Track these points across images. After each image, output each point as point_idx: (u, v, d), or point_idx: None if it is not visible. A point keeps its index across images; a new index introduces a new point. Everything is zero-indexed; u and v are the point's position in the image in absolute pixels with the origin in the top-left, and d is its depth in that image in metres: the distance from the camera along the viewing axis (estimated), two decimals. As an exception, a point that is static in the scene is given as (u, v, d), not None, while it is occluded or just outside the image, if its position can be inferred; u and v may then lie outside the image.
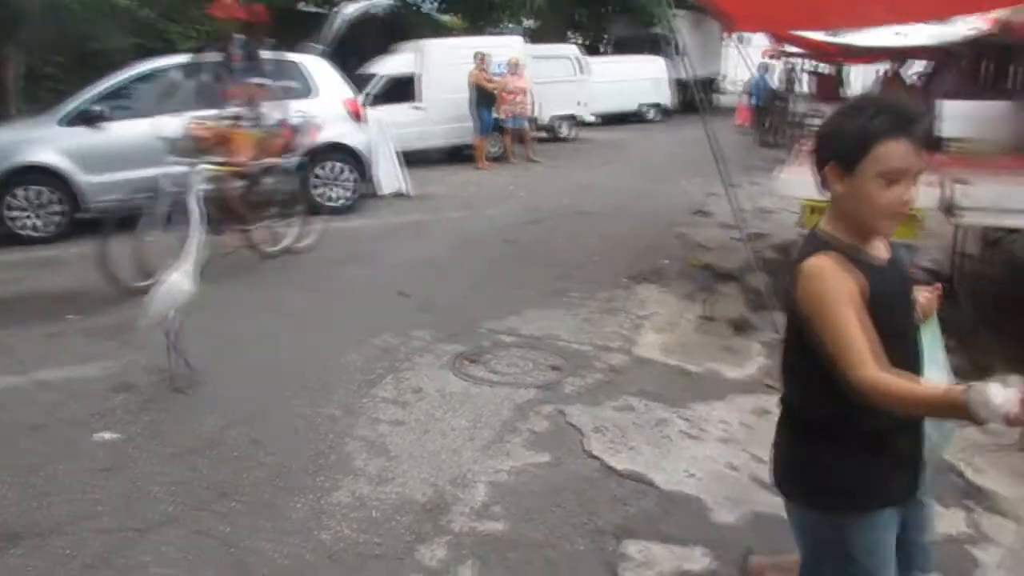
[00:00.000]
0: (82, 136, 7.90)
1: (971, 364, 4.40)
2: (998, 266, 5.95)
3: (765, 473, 3.20)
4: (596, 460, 3.33)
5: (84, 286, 6.08)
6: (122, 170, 7.91)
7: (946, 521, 2.87)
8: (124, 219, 5.87)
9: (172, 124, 6.53)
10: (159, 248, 5.43)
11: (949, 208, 4.66)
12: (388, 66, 13.72)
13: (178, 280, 4.15)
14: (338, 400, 4.00)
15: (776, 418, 2.00)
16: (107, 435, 3.66)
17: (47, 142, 7.83)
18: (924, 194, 4.81)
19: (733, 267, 6.49)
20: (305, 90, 8.96)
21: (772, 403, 3.85)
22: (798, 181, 5.36)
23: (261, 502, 3.12)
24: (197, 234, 4.24)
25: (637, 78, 21.81)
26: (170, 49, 12.73)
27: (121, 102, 8.19)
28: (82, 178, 7.87)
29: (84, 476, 3.33)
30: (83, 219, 8.03)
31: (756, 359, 4.52)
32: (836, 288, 1.64)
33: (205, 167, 5.30)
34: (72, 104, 8.10)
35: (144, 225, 5.73)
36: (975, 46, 12.69)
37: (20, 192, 7.68)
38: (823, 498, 1.80)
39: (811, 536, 1.89)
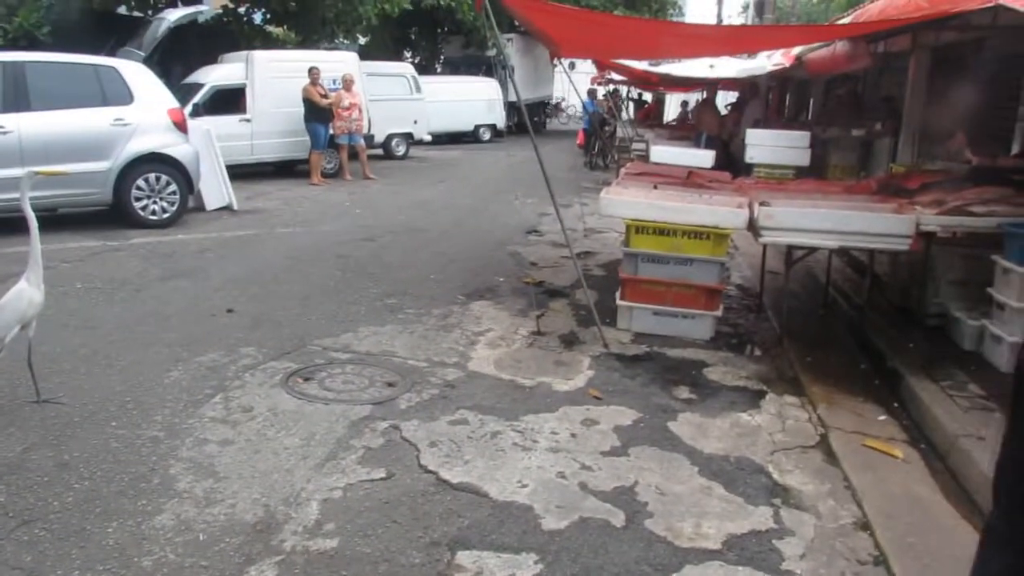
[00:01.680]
0: None
1: (776, 371, 4.87)
2: (799, 282, 6.52)
3: (593, 480, 3.38)
4: (431, 474, 3.36)
5: None
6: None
7: (754, 518, 3.14)
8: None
9: None
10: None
11: (755, 228, 5.09)
12: (215, 76, 13.23)
13: (26, 290, 3.84)
14: (161, 421, 3.81)
15: (602, 427, 2.11)
16: None
17: None
18: (734, 215, 5.26)
19: (564, 284, 6.75)
20: (124, 97, 8.47)
21: (598, 413, 4.08)
22: (621, 201, 5.69)
23: (71, 529, 2.91)
24: (37, 240, 3.92)
25: (472, 99, 22.25)
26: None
27: None
28: None
29: None
30: None
31: (584, 372, 4.72)
32: None
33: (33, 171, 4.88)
34: None
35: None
36: (777, 80, 13.95)
37: None
38: None
39: None
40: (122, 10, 15.20)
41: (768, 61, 11.52)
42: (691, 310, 5.48)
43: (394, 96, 16.80)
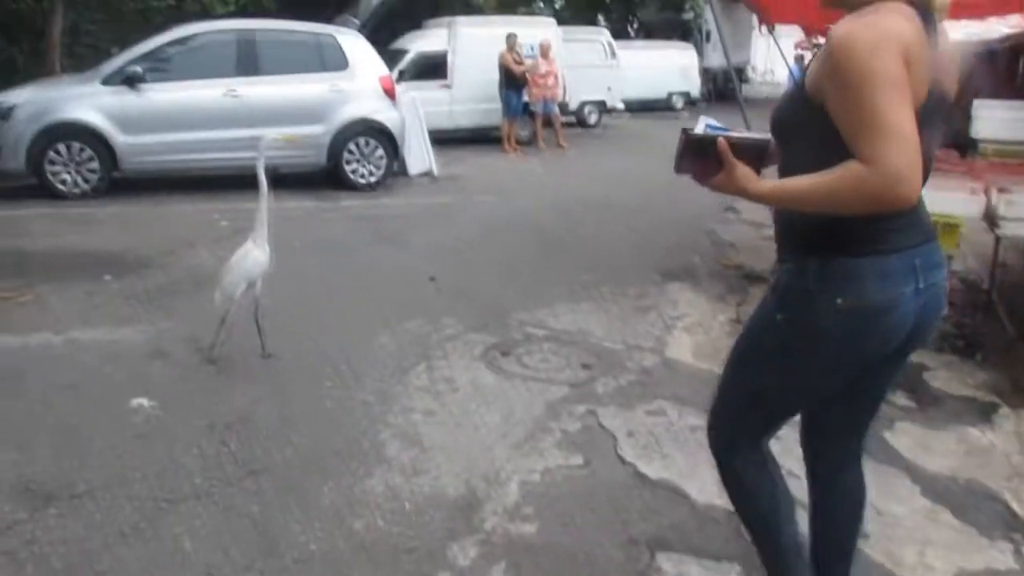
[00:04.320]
0: (122, 97, 7.95)
1: (1011, 381, 4.38)
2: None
3: (801, 488, 3.21)
4: (629, 466, 3.33)
5: (120, 247, 6.15)
6: (159, 132, 7.99)
7: (990, 554, 2.86)
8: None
9: None
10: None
11: (992, 218, 4.60)
12: (419, 43, 13.67)
13: (252, 250, 4.16)
14: (370, 385, 4.02)
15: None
16: (144, 401, 3.70)
17: (88, 100, 7.91)
18: (967, 203, 4.77)
19: (764, 268, 6.45)
20: (341, 64, 8.94)
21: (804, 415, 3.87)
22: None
23: (292, 484, 3.13)
24: (265, 202, 4.23)
25: (666, 65, 21.57)
26: (205, 13, 12.76)
27: (161, 65, 8.22)
28: (120, 138, 7.92)
29: (118, 441, 3.36)
30: (118, 179, 8.11)
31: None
32: None
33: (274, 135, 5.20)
34: (115, 64, 8.13)
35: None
36: (1014, 45, 12.50)
37: (62, 148, 7.74)
38: None
39: None
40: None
41: (1001, 24, 10.34)
42: (911, 308, 5.06)
43: (589, 63, 16.63)
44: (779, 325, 1.92)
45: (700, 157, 1.80)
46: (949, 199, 4.85)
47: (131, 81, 7.99)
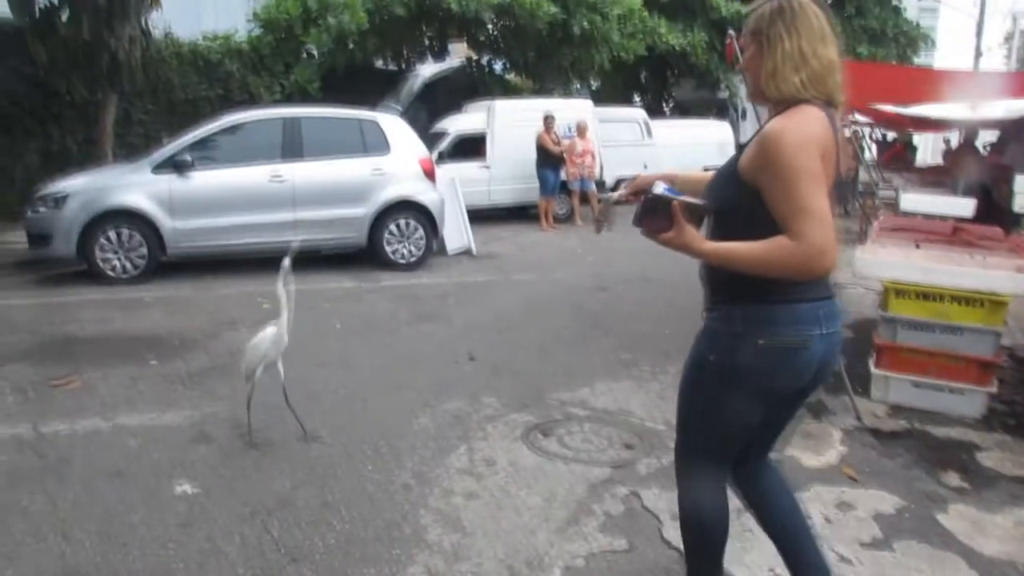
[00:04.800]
0: (171, 183, 8.22)
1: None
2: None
3: (850, 573, 3.10)
4: (674, 551, 3.24)
5: (165, 330, 6.28)
6: (205, 216, 8.24)
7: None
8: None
9: None
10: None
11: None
12: (459, 124, 14.04)
13: (269, 333, 4.23)
14: (411, 467, 3.99)
15: (859, 513, 1.94)
16: (187, 487, 3.71)
17: (139, 187, 8.18)
18: (1012, 279, 4.69)
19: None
20: (382, 147, 9.20)
21: (854, 496, 3.77)
22: (878, 261, 5.27)
23: (333, 571, 3.10)
24: (290, 286, 4.30)
25: (702, 141, 21.80)
26: (252, 100, 13.29)
27: (209, 151, 8.51)
28: (168, 223, 8.17)
29: (162, 529, 3.37)
30: (165, 262, 8.34)
31: (836, 447, 4.39)
32: None
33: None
34: (165, 152, 8.44)
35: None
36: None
37: (111, 234, 8.00)
38: None
39: None
40: (379, 64, 16.56)
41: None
42: (959, 384, 4.94)
43: (625, 140, 16.89)
44: (712, 364, 2.28)
45: (655, 215, 2.11)
46: (995, 277, 4.80)
47: (180, 168, 8.27)
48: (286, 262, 4.23)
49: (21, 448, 4.10)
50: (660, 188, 2.07)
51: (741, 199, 2.14)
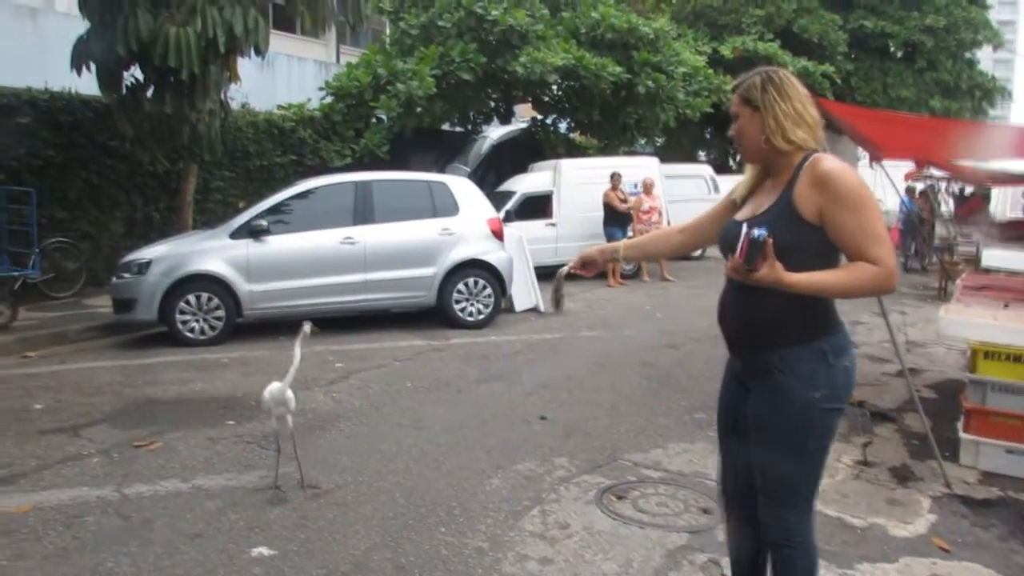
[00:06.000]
0: (248, 248, 8.50)
1: None
2: None
3: None
4: (758, 622, 3.12)
5: (242, 391, 6.42)
6: (280, 280, 8.49)
7: None
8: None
9: None
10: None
11: None
12: (525, 184, 14.20)
13: (277, 387, 4.50)
14: (484, 531, 3.95)
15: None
16: (263, 551, 3.74)
17: (217, 252, 8.47)
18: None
19: (889, 407, 6.15)
20: (451, 209, 9.36)
21: (947, 569, 3.58)
22: (964, 322, 5.09)
23: (410, 637, 3.07)
24: (297, 361, 4.60)
25: (769, 195, 21.61)
26: (324, 165, 13.72)
27: (283, 216, 8.79)
28: (244, 287, 8.43)
29: (240, 594, 3.40)
30: (241, 324, 8.58)
31: (925, 515, 4.20)
32: None
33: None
34: (242, 219, 8.76)
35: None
36: None
37: (191, 297, 8.28)
38: None
39: None
40: (446, 127, 16.95)
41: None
42: (1056, 450, 4.70)
43: (692, 197, 16.81)
44: (819, 401, 2.41)
45: (755, 256, 2.23)
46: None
47: (256, 233, 8.56)
48: (307, 327, 4.42)
49: (106, 510, 4.20)
50: (756, 232, 2.19)
51: (801, 236, 2.34)
